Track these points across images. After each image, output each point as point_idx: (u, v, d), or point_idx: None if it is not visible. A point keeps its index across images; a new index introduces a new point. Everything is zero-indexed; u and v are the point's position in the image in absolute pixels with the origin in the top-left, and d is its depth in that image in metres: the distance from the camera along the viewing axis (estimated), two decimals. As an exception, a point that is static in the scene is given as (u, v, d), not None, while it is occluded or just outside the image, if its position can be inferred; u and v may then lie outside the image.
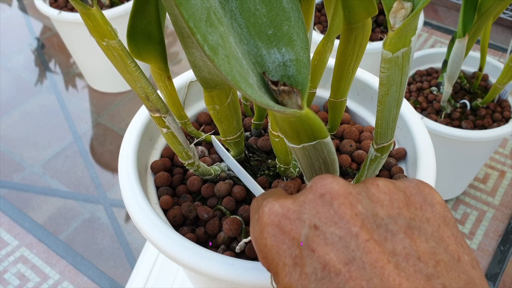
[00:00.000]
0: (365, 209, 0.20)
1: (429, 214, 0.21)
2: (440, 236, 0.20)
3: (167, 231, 0.32)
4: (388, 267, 0.18)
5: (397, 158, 0.41)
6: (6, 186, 1.15)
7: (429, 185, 0.22)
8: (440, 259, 0.19)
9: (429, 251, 0.19)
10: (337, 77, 0.36)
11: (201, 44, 0.15)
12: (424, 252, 0.19)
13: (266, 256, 0.21)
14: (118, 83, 1.37)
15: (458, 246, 0.20)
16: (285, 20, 0.21)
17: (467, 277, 0.18)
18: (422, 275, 0.18)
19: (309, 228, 0.20)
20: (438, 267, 0.18)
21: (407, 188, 0.22)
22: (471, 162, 0.94)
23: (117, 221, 1.07)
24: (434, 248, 0.19)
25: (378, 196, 0.21)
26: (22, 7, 1.77)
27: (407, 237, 0.19)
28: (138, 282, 0.68)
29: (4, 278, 0.97)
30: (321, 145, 0.22)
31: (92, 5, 0.26)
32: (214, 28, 0.16)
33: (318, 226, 0.19)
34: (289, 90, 0.19)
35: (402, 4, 0.22)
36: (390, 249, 0.18)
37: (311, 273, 0.19)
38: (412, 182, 0.22)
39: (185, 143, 0.36)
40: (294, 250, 0.20)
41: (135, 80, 0.30)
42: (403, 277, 0.17)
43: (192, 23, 0.15)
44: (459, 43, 0.70)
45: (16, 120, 1.33)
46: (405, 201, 0.21)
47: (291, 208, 0.20)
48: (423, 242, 0.19)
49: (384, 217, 0.20)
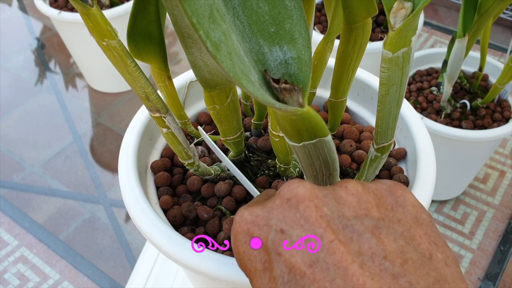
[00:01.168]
0: (331, 210, 0.20)
1: (400, 215, 0.21)
2: (410, 235, 0.20)
3: (167, 231, 0.32)
4: (352, 267, 0.18)
5: (397, 158, 0.41)
6: (6, 186, 1.15)
7: (402, 187, 0.22)
8: (408, 258, 0.18)
9: (397, 250, 0.19)
10: (337, 77, 0.36)
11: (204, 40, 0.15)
12: (392, 251, 0.19)
13: (241, 262, 0.21)
14: (118, 83, 1.37)
15: (430, 245, 0.20)
16: (287, 18, 0.21)
17: (438, 274, 0.18)
18: (388, 274, 0.18)
19: (275, 232, 0.20)
20: (405, 266, 0.18)
21: (378, 190, 0.22)
22: (471, 162, 0.94)
23: (117, 221, 1.07)
24: (402, 247, 0.19)
25: (345, 198, 0.21)
26: (22, 7, 1.77)
27: (374, 237, 0.19)
28: (138, 282, 0.68)
29: (4, 278, 0.97)
30: (322, 143, 0.22)
31: (92, 5, 0.26)
32: (216, 25, 0.16)
33: (285, 230, 0.20)
34: (291, 88, 0.19)
35: (403, 4, 0.22)
36: (355, 249, 0.18)
37: (278, 276, 0.19)
38: (384, 184, 0.22)
39: (185, 143, 0.36)
40: (263, 256, 0.20)
41: (135, 80, 0.30)
42: (368, 276, 0.18)
43: (195, 19, 0.15)
44: (459, 43, 0.70)
45: (16, 120, 1.33)
46: (374, 202, 0.21)
47: (260, 215, 0.21)
48: (391, 241, 0.19)
49: (350, 218, 0.20)
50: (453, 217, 1.04)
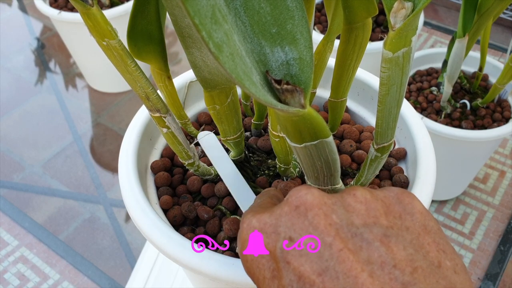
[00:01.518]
0: (340, 218, 0.20)
1: (409, 222, 0.21)
2: (419, 243, 0.20)
3: (167, 231, 0.32)
4: (362, 276, 0.18)
5: (397, 158, 0.41)
6: (6, 186, 1.15)
7: (410, 194, 0.22)
8: (417, 266, 0.18)
9: (406, 258, 0.19)
10: (337, 77, 0.36)
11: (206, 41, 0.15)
12: (401, 259, 0.18)
13: (249, 270, 0.21)
14: (118, 83, 1.37)
15: (439, 253, 0.20)
16: (289, 19, 0.21)
17: (447, 283, 0.18)
18: (398, 282, 0.18)
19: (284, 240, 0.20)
20: (415, 274, 0.18)
21: (386, 198, 0.22)
22: (471, 162, 0.94)
23: (117, 221, 1.07)
24: (411, 256, 0.19)
25: (354, 205, 0.20)
26: (22, 7, 1.77)
27: (383, 245, 0.19)
28: (138, 282, 0.68)
29: (4, 278, 0.97)
30: (323, 144, 0.22)
31: (92, 5, 0.26)
32: (219, 26, 0.16)
33: (293, 238, 0.20)
34: (292, 89, 0.19)
35: (403, 4, 0.22)
36: (365, 258, 0.18)
37: (287, 285, 0.19)
38: (392, 192, 0.22)
39: (185, 143, 0.36)
40: (271, 264, 0.20)
41: (135, 80, 0.30)
42: (377, 285, 0.17)
43: (198, 20, 0.15)
44: (459, 43, 0.70)
45: (16, 120, 1.33)
46: (383, 210, 0.21)
47: (268, 222, 0.21)
48: (400, 249, 0.19)
49: (359, 226, 0.20)
50: (453, 217, 1.04)
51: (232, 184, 0.35)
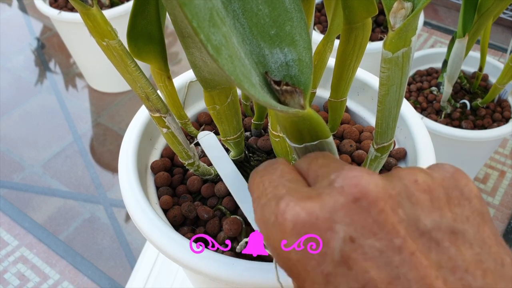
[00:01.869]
0: (406, 214, 0.17)
1: (468, 211, 0.18)
2: (481, 238, 0.17)
3: (167, 231, 0.32)
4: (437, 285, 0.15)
5: (397, 158, 0.41)
6: (6, 186, 1.15)
7: (465, 175, 0.19)
8: (486, 268, 0.16)
9: (475, 259, 0.16)
10: (337, 77, 0.36)
11: (205, 44, 0.15)
12: (471, 261, 0.16)
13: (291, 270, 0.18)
14: (118, 83, 1.37)
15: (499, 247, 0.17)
16: (288, 20, 0.21)
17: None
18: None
19: (343, 241, 0.16)
20: (486, 279, 0.16)
21: (445, 181, 0.18)
22: (471, 162, 0.94)
23: (117, 221, 1.07)
24: (479, 255, 0.16)
25: (418, 196, 0.17)
26: (22, 7, 1.77)
27: (452, 245, 0.16)
28: (138, 282, 0.68)
29: (4, 278, 0.97)
30: (323, 145, 0.22)
31: (92, 5, 0.26)
32: (217, 28, 0.16)
33: (355, 238, 0.16)
34: (292, 90, 0.19)
35: (402, 4, 0.22)
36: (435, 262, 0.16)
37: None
38: (447, 172, 0.19)
39: (185, 143, 0.36)
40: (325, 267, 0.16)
41: (135, 80, 0.30)
42: None
43: (196, 23, 0.15)
44: (459, 43, 0.70)
45: (16, 120, 1.33)
46: (445, 198, 0.18)
47: (320, 216, 0.17)
48: (468, 249, 0.16)
49: (426, 223, 0.17)
50: (453, 217, 1.04)
51: (232, 184, 0.35)
